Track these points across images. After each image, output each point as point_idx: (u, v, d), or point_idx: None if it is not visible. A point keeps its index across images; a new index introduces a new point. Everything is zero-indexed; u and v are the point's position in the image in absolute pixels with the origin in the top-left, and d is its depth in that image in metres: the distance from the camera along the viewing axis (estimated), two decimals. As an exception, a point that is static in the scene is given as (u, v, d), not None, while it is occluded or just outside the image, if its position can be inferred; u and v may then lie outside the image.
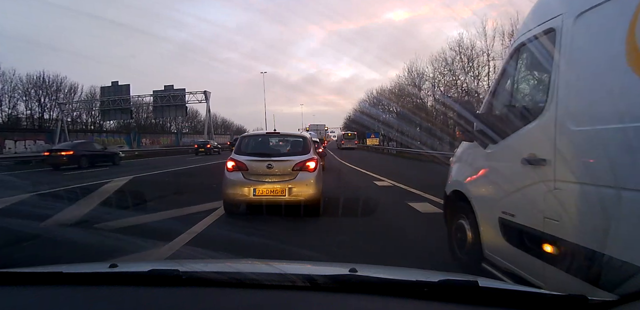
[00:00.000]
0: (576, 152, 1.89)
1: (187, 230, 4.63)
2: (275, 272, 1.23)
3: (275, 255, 3.25)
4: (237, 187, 5.49)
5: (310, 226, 5.14)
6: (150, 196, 7.36)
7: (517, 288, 1.14)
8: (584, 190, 1.78)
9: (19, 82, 37.55)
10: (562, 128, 1.95)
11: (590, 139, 1.79)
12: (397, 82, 37.28)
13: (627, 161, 1.58)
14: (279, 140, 6.92)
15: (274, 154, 5.93)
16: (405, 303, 1.04)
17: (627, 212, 1.54)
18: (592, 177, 1.74)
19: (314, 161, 5.66)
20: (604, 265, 1.59)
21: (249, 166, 5.54)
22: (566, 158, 1.94)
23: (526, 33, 2.46)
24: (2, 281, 1.21)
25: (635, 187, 1.51)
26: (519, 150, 2.25)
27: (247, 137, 6.54)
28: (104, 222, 5.06)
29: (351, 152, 35.04)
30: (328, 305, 1.06)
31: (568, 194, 1.89)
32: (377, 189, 9.05)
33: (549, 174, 2.02)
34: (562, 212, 1.92)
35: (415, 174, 13.46)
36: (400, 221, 5.44)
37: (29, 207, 6.35)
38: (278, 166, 5.53)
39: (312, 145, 6.14)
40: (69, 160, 15.99)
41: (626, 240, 1.54)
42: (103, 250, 3.56)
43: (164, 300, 1.07)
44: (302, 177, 5.47)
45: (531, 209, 2.15)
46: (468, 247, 2.91)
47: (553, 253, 1.98)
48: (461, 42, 26.91)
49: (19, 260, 3.58)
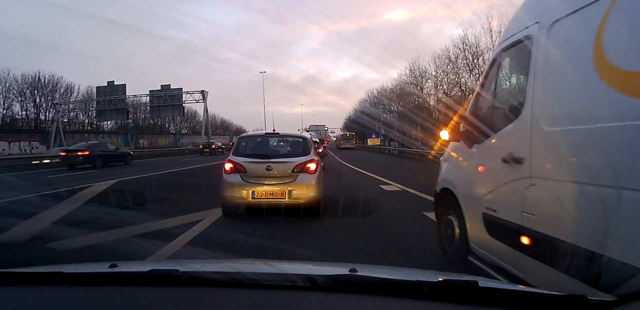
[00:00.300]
0: (549, 151, 2.04)
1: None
2: (275, 272, 1.23)
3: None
4: (235, 190, 5.31)
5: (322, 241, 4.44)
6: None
7: (517, 288, 1.15)
8: (557, 187, 1.93)
9: (14, 82, 37.53)
10: (537, 128, 2.11)
11: (561, 138, 1.93)
12: (398, 81, 36.76)
13: (595, 159, 1.71)
14: (278, 141, 6.73)
15: (273, 155, 5.74)
16: (405, 303, 1.04)
17: (597, 205, 1.66)
18: (564, 174, 1.89)
19: (315, 163, 5.51)
20: (580, 256, 1.71)
21: (247, 168, 5.37)
22: (540, 156, 2.10)
23: (507, 39, 2.62)
24: (2, 281, 1.21)
25: (603, 183, 1.63)
26: (500, 150, 2.44)
27: (245, 138, 6.32)
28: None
29: (351, 152, 35.19)
30: (328, 305, 1.06)
31: (542, 190, 2.04)
32: (386, 195, 7.88)
33: (525, 172, 2.17)
34: (538, 207, 2.07)
35: (422, 177, 11.88)
36: (422, 237, 4.33)
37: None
38: (277, 168, 5.36)
39: (313, 146, 5.99)
40: (84, 160, 16.76)
41: (596, 231, 1.66)
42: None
43: (164, 300, 1.07)
44: (302, 179, 5.30)
45: (510, 204, 2.31)
46: (456, 241, 3.08)
47: (531, 245, 2.11)
48: (466, 39, 26.42)
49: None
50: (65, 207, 6.26)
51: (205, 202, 6.34)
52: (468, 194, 2.94)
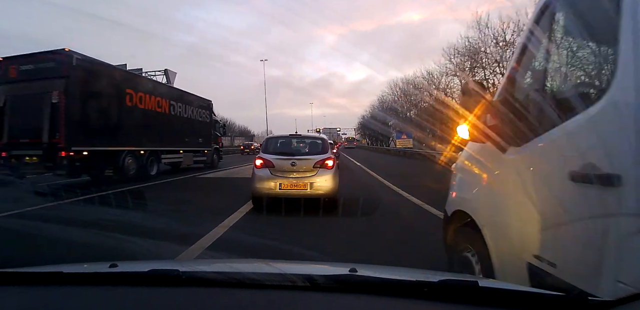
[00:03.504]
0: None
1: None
2: (275, 272, 1.23)
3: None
4: (265, 182, 6.21)
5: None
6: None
7: (517, 288, 1.15)
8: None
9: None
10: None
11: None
12: (428, 70, 30.40)
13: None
14: (300, 141, 7.74)
15: (296, 153, 6.85)
16: (405, 303, 1.04)
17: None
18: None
19: (332, 160, 6.44)
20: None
21: (276, 164, 6.30)
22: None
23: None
24: (2, 281, 1.21)
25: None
26: (564, 158, 1.46)
27: (272, 139, 7.46)
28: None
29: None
30: (328, 305, 1.06)
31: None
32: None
33: (625, 201, 1.16)
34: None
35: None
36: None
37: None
38: (301, 164, 6.29)
39: (329, 146, 7.00)
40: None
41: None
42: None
43: (164, 300, 1.08)
44: (322, 174, 6.22)
45: (588, 260, 1.29)
46: None
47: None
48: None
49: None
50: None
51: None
52: (500, 226, 1.85)
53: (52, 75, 9.60)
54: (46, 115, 9.46)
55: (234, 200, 7.17)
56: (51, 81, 9.53)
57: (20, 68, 9.97)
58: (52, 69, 9.67)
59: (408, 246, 4.25)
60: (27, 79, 9.80)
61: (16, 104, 9.88)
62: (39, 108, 9.47)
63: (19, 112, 9.85)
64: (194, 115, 16.24)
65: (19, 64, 10.07)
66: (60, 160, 9.42)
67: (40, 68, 9.81)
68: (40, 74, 9.72)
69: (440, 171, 5.75)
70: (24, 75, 9.87)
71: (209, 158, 17.50)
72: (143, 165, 12.15)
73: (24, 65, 9.99)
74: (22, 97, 9.83)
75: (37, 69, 9.83)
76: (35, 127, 9.48)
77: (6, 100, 9.94)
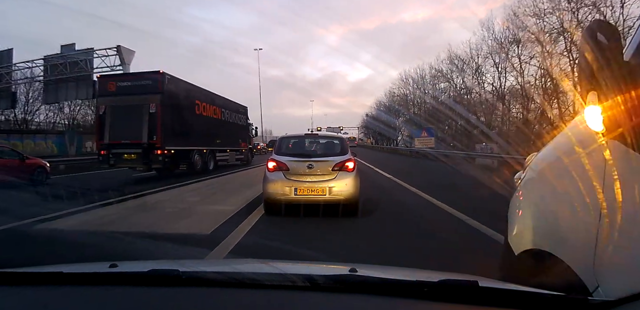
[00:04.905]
0: None
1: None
2: (275, 272, 1.23)
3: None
4: (279, 187, 5.63)
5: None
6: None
7: (517, 288, 1.12)
8: None
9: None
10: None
11: None
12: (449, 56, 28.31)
13: None
14: (316, 141, 7.16)
15: (313, 155, 6.16)
16: (405, 303, 1.04)
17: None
18: None
19: (352, 161, 5.86)
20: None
21: (290, 166, 5.70)
22: None
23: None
24: (2, 281, 1.20)
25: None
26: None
27: (286, 138, 6.83)
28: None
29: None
30: (328, 305, 1.06)
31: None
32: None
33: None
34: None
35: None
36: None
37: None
38: (318, 166, 5.68)
39: (348, 147, 6.44)
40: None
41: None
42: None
43: (164, 300, 1.08)
44: (341, 177, 5.62)
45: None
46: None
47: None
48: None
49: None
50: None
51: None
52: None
53: (149, 90, 12.23)
54: (145, 122, 12.07)
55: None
56: (149, 95, 12.18)
57: (118, 84, 12.69)
58: (149, 86, 12.32)
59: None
60: (125, 92, 12.38)
61: (116, 113, 12.41)
62: (138, 116, 12.05)
63: (119, 118, 12.38)
64: (236, 120, 19.44)
65: (118, 80, 12.97)
66: (156, 157, 12.10)
67: (137, 85, 12.49)
68: (139, 89, 12.31)
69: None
70: (123, 90, 12.47)
71: (246, 156, 20.66)
72: (205, 161, 14.86)
73: (122, 82, 12.81)
74: (121, 107, 12.34)
75: (135, 85, 12.50)
76: (136, 130, 12.09)
77: (106, 109, 12.54)
